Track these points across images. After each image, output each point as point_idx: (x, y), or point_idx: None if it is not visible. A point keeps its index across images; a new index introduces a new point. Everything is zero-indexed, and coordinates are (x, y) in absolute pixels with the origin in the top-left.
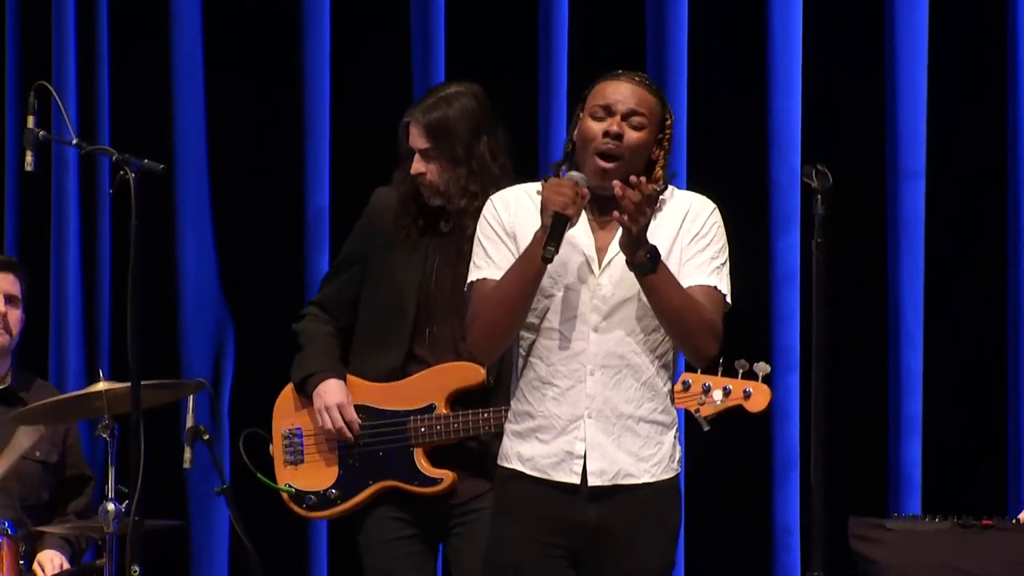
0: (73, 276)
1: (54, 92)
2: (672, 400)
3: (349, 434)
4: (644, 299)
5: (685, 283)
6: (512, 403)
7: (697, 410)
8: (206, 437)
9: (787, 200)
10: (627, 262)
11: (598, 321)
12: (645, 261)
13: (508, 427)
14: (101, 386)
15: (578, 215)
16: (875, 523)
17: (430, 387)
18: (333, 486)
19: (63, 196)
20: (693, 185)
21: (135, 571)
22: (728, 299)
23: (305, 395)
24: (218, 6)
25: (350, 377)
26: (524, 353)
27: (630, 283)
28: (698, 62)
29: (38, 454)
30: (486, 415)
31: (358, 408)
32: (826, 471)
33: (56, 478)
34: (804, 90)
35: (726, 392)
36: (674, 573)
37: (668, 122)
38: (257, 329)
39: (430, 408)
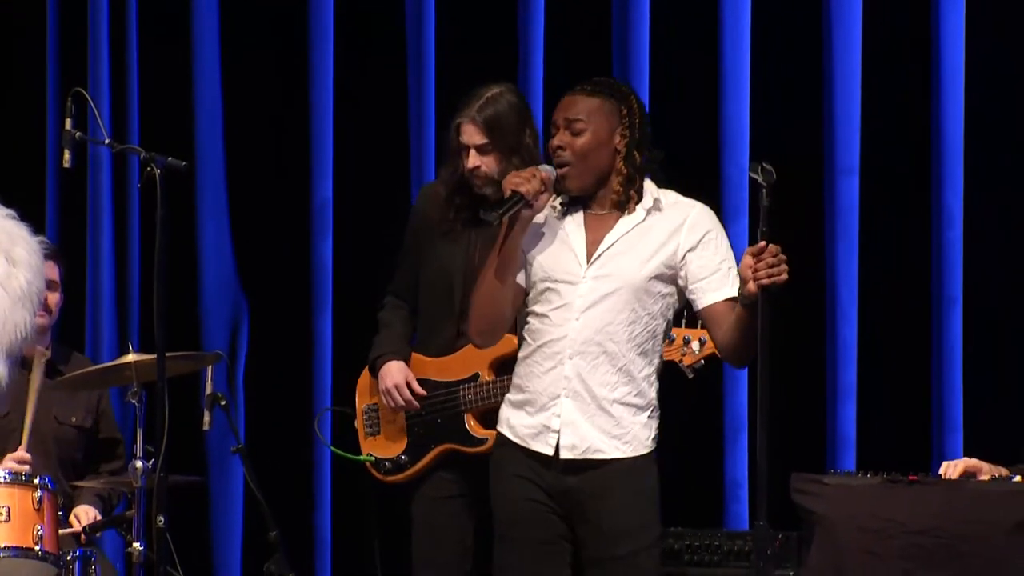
0: (106, 261)
1: (89, 98)
2: (652, 382)
3: (411, 407)
4: (626, 295)
5: (712, 299)
6: (513, 376)
7: (680, 360)
8: (223, 403)
9: (736, 193)
10: (742, 297)
11: (581, 310)
12: (755, 300)
13: (507, 396)
14: (131, 357)
15: (536, 197)
16: (814, 478)
17: (474, 358)
18: (403, 452)
19: (97, 190)
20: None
21: (160, 521)
22: None
23: (374, 375)
24: (235, 21)
25: (413, 355)
26: (524, 334)
27: (614, 279)
28: (657, 70)
29: (74, 419)
30: None
31: (420, 382)
32: (771, 432)
33: (90, 440)
34: (752, 96)
35: (702, 342)
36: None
37: (624, 111)
38: (268, 307)
39: (475, 377)
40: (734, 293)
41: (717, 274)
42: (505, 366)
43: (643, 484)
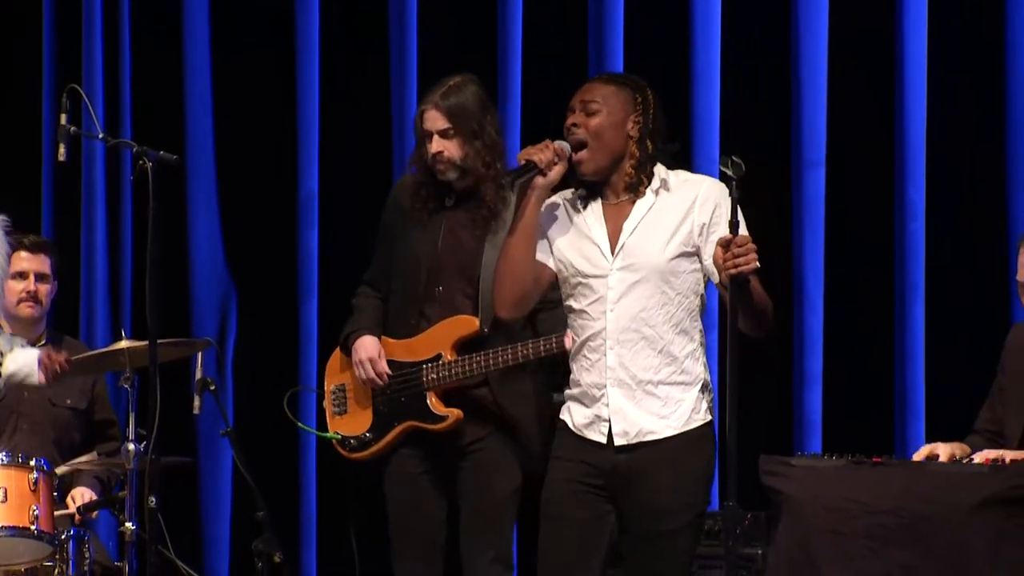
0: (100, 251)
1: (83, 94)
2: (697, 357)
3: (379, 382)
4: (654, 280)
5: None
6: (571, 371)
7: None
8: (212, 387)
9: None
10: (720, 285)
11: (614, 302)
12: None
13: (566, 391)
14: (124, 344)
15: (550, 166)
16: (782, 460)
17: (437, 339)
18: (368, 430)
19: (91, 183)
20: None
21: (152, 501)
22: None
23: (347, 352)
24: (225, 20)
25: (385, 340)
26: (570, 331)
27: (639, 267)
28: (631, 68)
29: (69, 402)
30: (478, 358)
31: (388, 363)
32: (740, 417)
33: (85, 422)
34: (722, 92)
35: None
36: None
37: (639, 99)
38: (256, 296)
39: (437, 357)
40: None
41: None
42: (467, 346)
43: (692, 462)
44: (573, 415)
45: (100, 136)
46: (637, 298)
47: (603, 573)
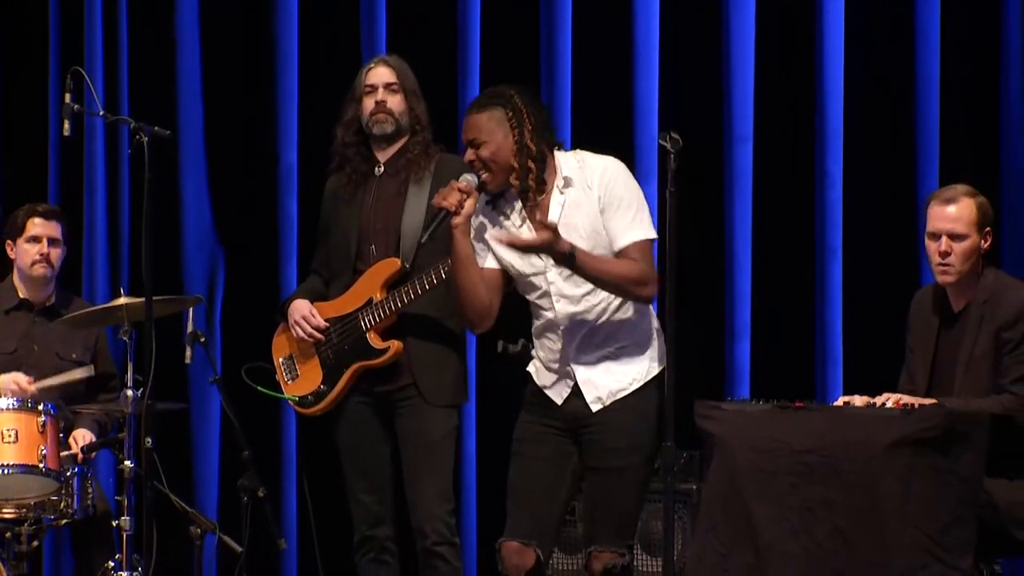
0: (100, 217)
1: (86, 75)
2: (644, 312)
3: (319, 335)
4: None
5: (619, 245)
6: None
7: None
8: (202, 340)
9: (647, 158)
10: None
11: (557, 295)
12: (564, 259)
13: (533, 352)
14: (122, 300)
15: (460, 205)
16: (714, 405)
17: (367, 286)
18: (321, 383)
19: (93, 155)
20: (576, 147)
21: (148, 442)
22: (652, 234)
23: (284, 317)
24: (213, 7)
25: (319, 303)
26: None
27: None
28: (579, 54)
29: (75, 356)
30: (405, 288)
31: (328, 321)
32: (678, 365)
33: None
34: (660, 74)
35: None
36: None
37: (510, 113)
38: (241, 257)
39: (369, 301)
40: (637, 236)
41: (622, 219)
42: (395, 284)
43: (643, 408)
44: (541, 378)
45: (100, 113)
46: (574, 287)
47: (566, 505)
